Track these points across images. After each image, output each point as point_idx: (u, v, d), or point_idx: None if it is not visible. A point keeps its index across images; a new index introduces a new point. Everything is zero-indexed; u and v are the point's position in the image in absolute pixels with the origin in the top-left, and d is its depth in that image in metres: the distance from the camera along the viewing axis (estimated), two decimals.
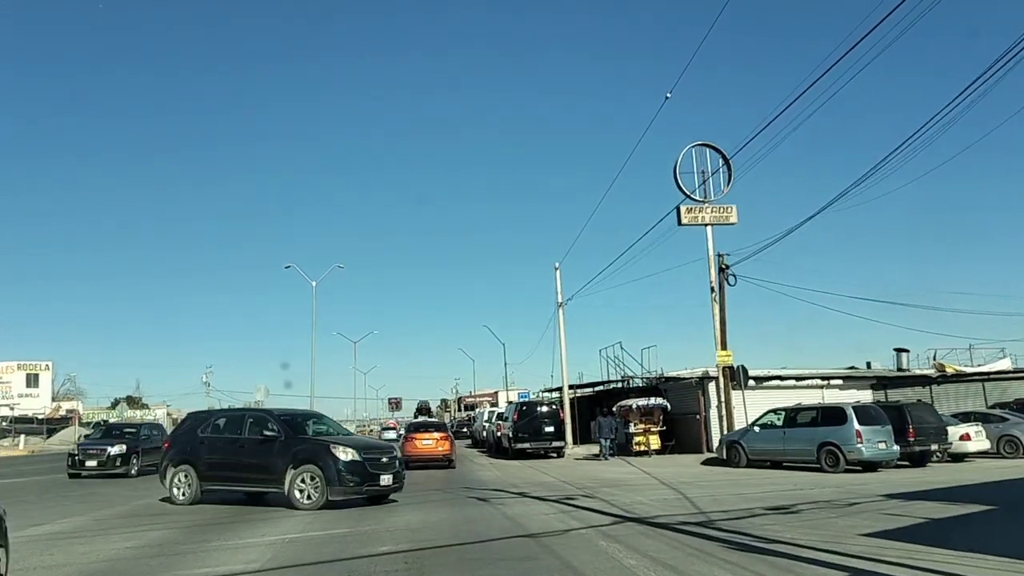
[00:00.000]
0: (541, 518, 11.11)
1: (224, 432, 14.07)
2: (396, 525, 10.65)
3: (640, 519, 10.75)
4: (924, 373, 30.42)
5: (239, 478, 13.50)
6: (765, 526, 9.87)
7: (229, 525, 11.09)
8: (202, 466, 13.64)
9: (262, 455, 13.18)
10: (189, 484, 13.67)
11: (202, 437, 14.03)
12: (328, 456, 12.66)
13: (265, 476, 13.05)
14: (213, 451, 13.73)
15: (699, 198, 26.11)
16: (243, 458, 13.38)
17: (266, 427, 13.57)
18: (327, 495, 12.50)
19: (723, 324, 25.17)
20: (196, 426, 14.42)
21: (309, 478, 12.64)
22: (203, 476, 13.60)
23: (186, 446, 14.05)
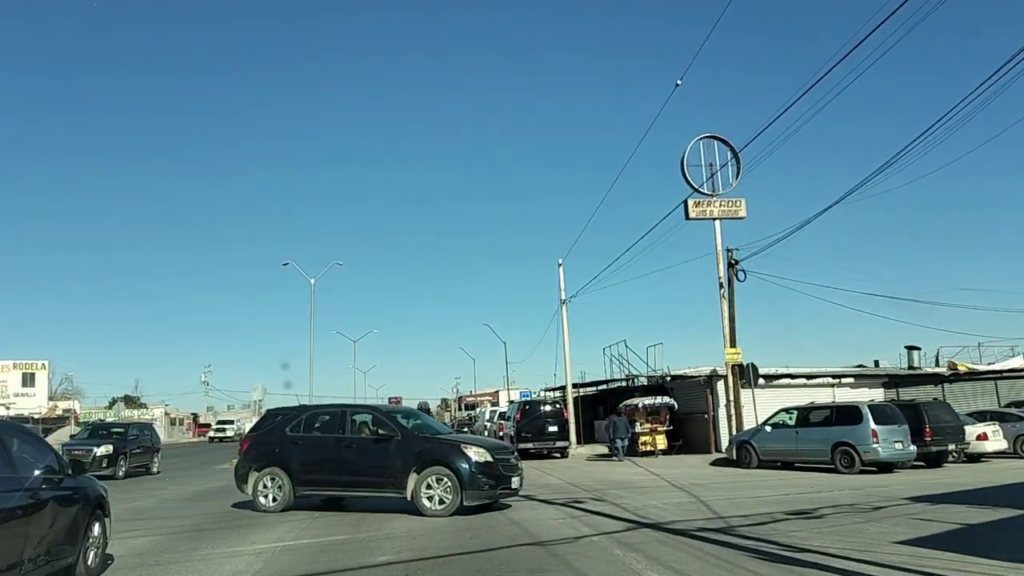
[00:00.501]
0: (550, 523, 10.48)
1: (322, 431, 12.69)
2: (396, 531, 10.02)
3: (655, 525, 10.11)
4: (936, 371, 29.77)
5: (346, 482, 12.09)
6: (790, 533, 9.24)
7: (218, 531, 10.46)
8: (296, 469, 12.22)
9: (376, 456, 11.89)
10: (279, 488, 12.25)
11: (294, 436, 12.56)
12: (461, 457, 11.52)
13: (380, 479, 11.79)
14: (310, 452, 12.33)
15: (707, 191, 25.46)
16: (351, 460, 12.01)
17: (378, 425, 12.33)
18: (461, 499, 11.33)
19: (732, 321, 24.54)
20: (283, 424, 12.84)
21: (437, 481, 11.43)
22: (298, 480, 12.18)
23: (273, 447, 12.53)
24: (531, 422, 27.94)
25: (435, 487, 11.45)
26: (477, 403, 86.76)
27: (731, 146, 25.82)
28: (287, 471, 12.25)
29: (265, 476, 12.38)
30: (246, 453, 12.94)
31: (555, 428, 27.93)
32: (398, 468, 11.64)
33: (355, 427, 12.52)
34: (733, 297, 24.68)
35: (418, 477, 11.51)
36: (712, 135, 26.02)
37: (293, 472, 12.22)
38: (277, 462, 12.37)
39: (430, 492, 11.45)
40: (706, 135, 25.97)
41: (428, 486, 11.46)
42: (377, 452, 11.93)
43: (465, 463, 11.46)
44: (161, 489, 17.42)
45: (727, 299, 24.73)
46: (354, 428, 12.50)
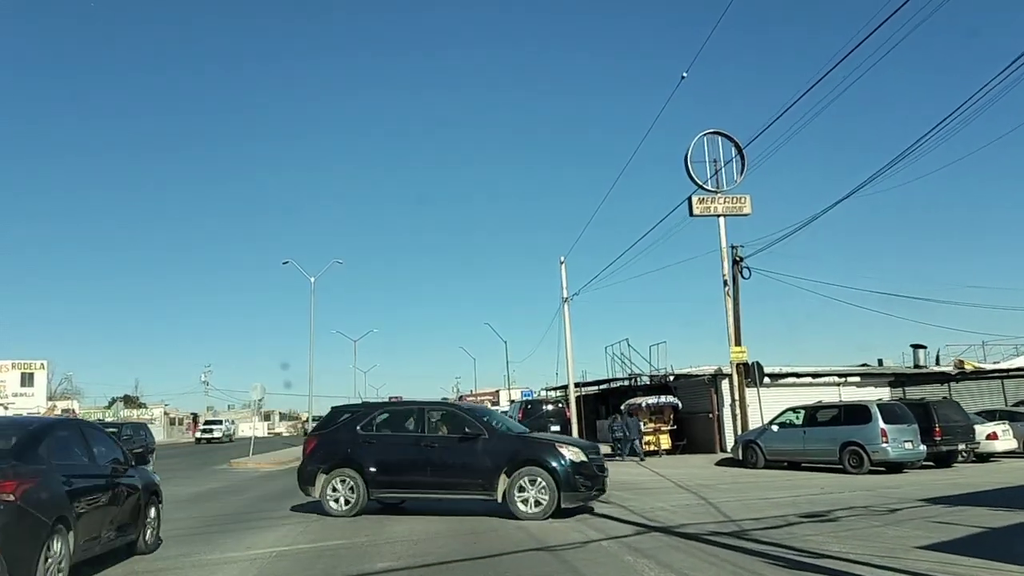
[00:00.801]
0: (556, 527, 10.11)
1: (398, 429, 12.05)
2: (396, 536, 9.65)
3: (665, 528, 9.76)
4: (943, 370, 29.41)
5: (428, 483, 11.42)
6: (807, 537, 8.88)
7: (213, 535, 10.10)
8: (371, 470, 11.47)
9: (462, 456, 11.27)
10: (352, 490, 11.50)
11: (366, 435, 11.79)
12: (556, 456, 11.00)
13: (467, 480, 11.22)
14: (386, 452, 11.59)
15: (711, 188, 25.09)
16: (434, 460, 11.36)
17: (462, 423, 11.72)
18: (558, 501, 10.78)
19: (737, 319, 24.18)
20: (352, 423, 12.03)
21: (531, 482, 10.86)
22: (373, 482, 11.47)
23: (344, 446, 11.76)
24: (533, 422, 27.49)
25: (529, 489, 10.88)
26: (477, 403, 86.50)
27: (736, 142, 25.45)
28: (360, 472, 11.52)
29: (335, 478, 11.60)
30: (312, 453, 12.09)
31: (557, 428, 27.57)
32: (487, 468, 11.08)
33: (433, 425, 11.89)
34: (738, 295, 24.32)
35: (510, 478, 10.95)
36: (716, 131, 25.65)
37: (367, 473, 11.49)
38: (349, 463, 11.62)
39: (524, 494, 10.87)
40: (710, 131, 25.61)
41: (521, 488, 10.89)
42: (463, 452, 11.31)
43: (561, 463, 10.94)
44: None
45: (731, 297, 24.37)
46: (432, 426, 11.87)
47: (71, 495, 6.82)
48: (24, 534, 5.97)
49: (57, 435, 7.34)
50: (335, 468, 11.67)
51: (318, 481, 11.72)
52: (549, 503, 10.78)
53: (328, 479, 11.65)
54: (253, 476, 23.05)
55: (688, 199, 24.97)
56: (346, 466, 11.63)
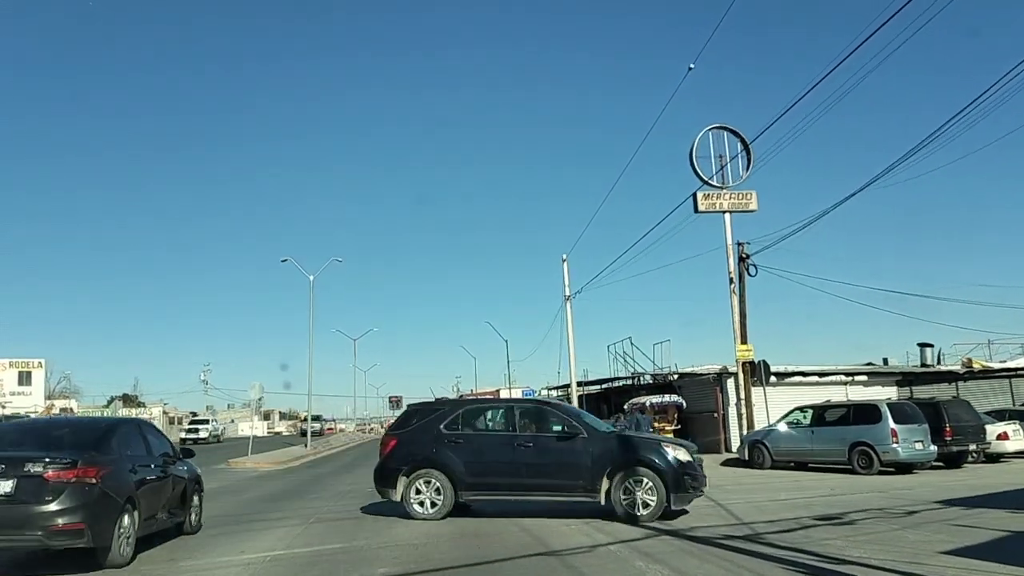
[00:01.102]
0: (561, 530, 9.75)
1: (485, 428, 11.54)
2: (395, 539, 9.29)
3: (676, 532, 9.39)
4: (951, 369, 29.04)
5: (523, 485, 10.82)
6: (824, 541, 8.51)
7: (205, 539, 9.72)
8: (459, 471, 10.86)
9: (560, 456, 10.73)
10: (438, 492, 10.87)
11: (451, 434, 11.16)
12: (662, 456, 10.57)
13: (566, 481, 10.66)
14: (476, 452, 11.00)
15: (717, 184, 24.70)
16: (530, 460, 10.79)
17: (555, 421, 11.18)
18: (668, 503, 10.34)
19: (743, 317, 23.81)
20: (435, 421, 11.36)
21: (637, 483, 10.37)
22: (462, 483, 10.86)
23: (428, 446, 11.11)
24: None
25: (635, 490, 10.39)
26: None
27: (742, 137, 25.05)
28: (447, 473, 10.91)
29: (419, 479, 10.96)
30: (392, 453, 11.37)
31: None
32: (588, 469, 10.57)
33: (524, 424, 11.34)
34: (744, 292, 23.96)
35: (613, 479, 10.47)
36: (722, 126, 25.27)
37: (455, 474, 10.89)
38: (433, 463, 10.99)
39: (630, 496, 10.40)
40: (716, 125, 25.22)
41: (627, 489, 10.41)
42: (562, 451, 10.77)
43: (668, 463, 10.51)
44: None
45: (737, 294, 24.00)
46: (523, 425, 11.31)
47: (136, 481, 8.23)
48: (103, 510, 7.39)
49: (122, 431, 8.77)
50: (418, 469, 11.02)
51: (400, 483, 11.02)
52: (657, 505, 10.34)
53: (411, 481, 10.98)
54: (251, 476, 22.70)
55: (693, 195, 24.59)
56: (430, 467, 10.99)
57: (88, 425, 9.53)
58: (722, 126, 25.30)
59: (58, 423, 10.62)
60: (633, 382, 33.65)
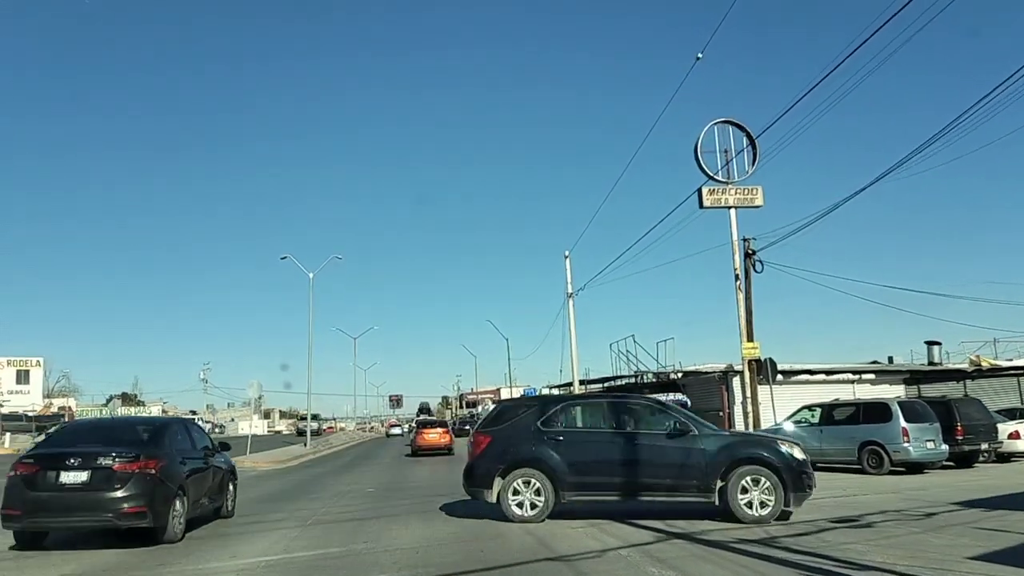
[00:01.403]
0: (568, 533, 9.37)
1: (587, 425, 10.91)
2: (397, 543, 8.90)
3: (687, 535, 9.00)
4: (959, 367, 28.64)
5: (632, 485, 10.26)
6: (844, 546, 8.13)
7: (196, 543, 9.34)
8: (561, 470, 10.24)
9: (671, 455, 10.17)
10: (538, 493, 10.24)
11: (550, 432, 10.51)
12: (779, 454, 10.13)
13: (679, 481, 10.15)
14: (579, 450, 10.38)
15: (722, 179, 24.26)
16: (639, 459, 10.23)
17: (663, 419, 10.60)
18: (788, 503, 9.92)
19: (749, 314, 23.35)
20: (532, 418, 10.70)
21: (754, 482, 9.89)
22: (565, 483, 10.25)
23: (524, 444, 10.46)
24: None
25: (752, 489, 9.91)
26: (478, 401, 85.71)
27: (747, 132, 24.57)
28: (547, 473, 10.29)
29: (517, 480, 10.31)
30: (485, 452, 10.68)
31: None
32: (701, 468, 10.06)
33: (630, 421, 10.73)
34: (750, 289, 23.49)
35: (728, 479, 10.00)
36: (727, 120, 24.78)
37: (556, 474, 10.27)
38: (531, 463, 10.35)
39: (747, 496, 9.91)
40: (721, 120, 24.74)
41: (744, 489, 9.93)
42: (673, 450, 10.21)
43: (786, 460, 10.08)
44: None
45: (743, 291, 23.55)
46: (629, 422, 10.70)
47: (185, 472, 9.65)
48: (160, 496, 8.79)
49: (172, 429, 10.26)
50: (515, 469, 10.38)
51: (495, 483, 10.39)
52: (776, 505, 9.90)
53: (508, 481, 10.35)
54: (249, 476, 22.27)
55: (698, 190, 24.12)
56: (529, 466, 10.34)
57: (145, 424, 10.79)
58: (727, 120, 24.83)
59: (120, 423, 12.74)
60: (636, 380, 33.28)
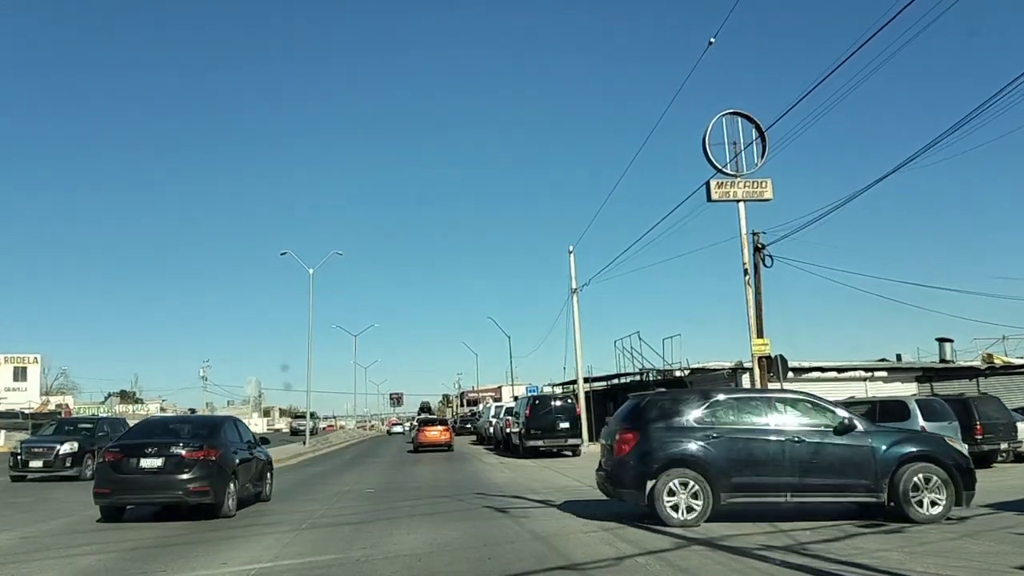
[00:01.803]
0: (580, 538, 8.80)
1: (741, 421, 10.10)
2: (397, 549, 8.32)
3: (708, 541, 8.42)
4: (971, 364, 28.07)
5: (797, 485, 9.65)
6: (878, 553, 7.56)
7: (184, 547, 8.77)
8: (720, 470, 9.62)
9: (838, 453, 9.64)
10: (695, 495, 9.56)
11: (704, 429, 9.88)
12: (949, 451, 9.71)
13: (847, 481, 9.63)
14: (737, 449, 9.72)
15: (731, 172, 23.65)
16: (802, 457, 9.65)
17: (826, 414, 10.04)
18: (959, 501, 9.48)
19: (759, 309, 22.78)
20: (682, 414, 10.08)
21: (925, 480, 9.45)
22: (724, 484, 9.60)
23: (678, 442, 9.78)
24: (541, 418, 26.22)
25: (924, 488, 9.46)
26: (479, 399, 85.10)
27: (757, 124, 23.94)
28: (703, 473, 9.63)
29: (672, 480, 9.61)
30: (635, 450, 9.91)
31: (567, 424, 26.21)
32: (870, 466, 9.57)
33: (789, 417, 10.11)
34: (759, 284, 22.91)
35: (900, 477, 9.51)
36: (736, 111, 24.13)
37: (715, 475, 9.61)
38: (688, 462, 9.69)
39: (918, 495, 9.45)
40: (729, 111, 24.10)
41: (915, 487, 9.47)
42: (839, 448, 9.68)
43: (956, 458, 9.64)
44: None
45: (752, 286, 22.95)
46: (788, 419, 10.08)
47: (236, 460, 11.69)
48: (220, 478, 10.93)
49: (225, 425, 12.37)
50: (668, 468, 9.66)
51: (647, 484, 9.65)
52: (947, 504, 9.46)
53: (661, 482, 9.61)
54: None
55: (706, 183, 23.52)
56: (684, 466, 9.67)
57: (204, 421, 13.72)
58: (736, 112, 24.19)
59: (183, 420, 14.93)
60: (641, 378, 32.69)
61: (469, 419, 59.63)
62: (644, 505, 9.75)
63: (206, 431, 11.73)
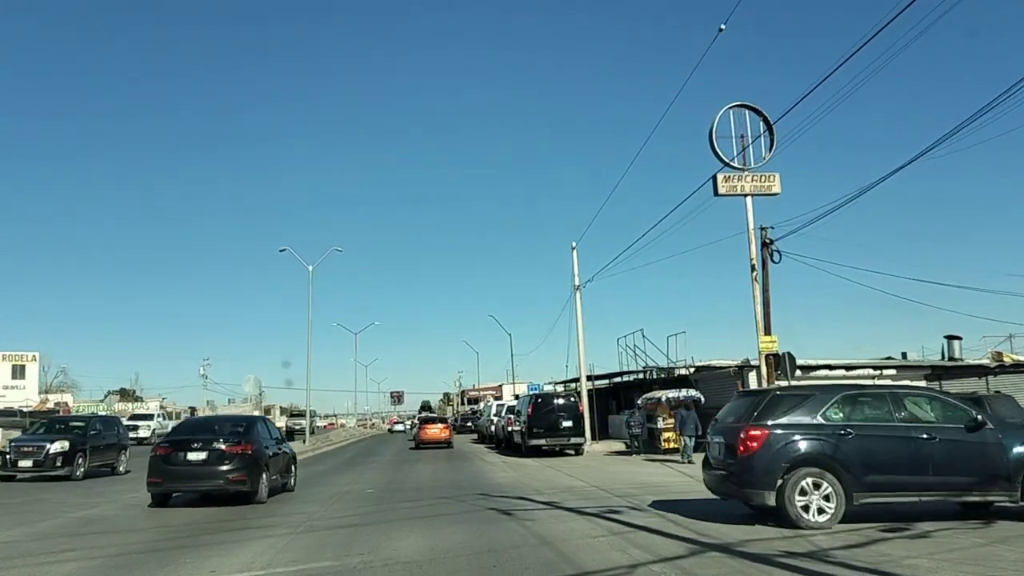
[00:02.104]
0: (589, 543, 8.35)
1: (870, 418, 9.66)
2: (396, 555, 7.87)
3: (725, 546, 7.98)
4: (980, 362, 27.61)
5: (930, 485, 9.31)
6: (907, 561, 7.12)
7: (173, 552, 8.32)
8: (853, 469, 9.23)
9: (972, 450, 9.33)
10: (827, 497, 9.16)
11: (834, 426, 9.46)
12: None
13: (980, 479, 9.29)
14: (870, 447, 9.32)
15: (738, 165, 23.18)
16: (936, 456, 9.27)
17: (955, 410, 9.75)
18: None
19: (766, 306, 22.31)
20: (810, 410, 9.60)
21: None
22: (858, 484, 9.21)
23: (809, 440, 9.39)
24: (543, 416, 25.76)
25: None
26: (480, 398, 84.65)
27: (764, 116, 23.47)
28: (835, 472, 9.24)
29: (803, 480, 9.18)
30: (764, 448, 9.41)
31: (570, 423, 25.75)
32: (1004, 462, 9.25)
33: (919, 413, 9.82)
34: (767, 280, 22.44)
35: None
36: (743, 104, 23.66)
37: (848, 474, 9.23)
38: (820, 461, 9.29)
39: None
40: (736, 104, 23.63)
41: None
42: (972, 445, 9.35)
43: None
44: (128, 492, 15.26)
45: (760, 282, 22.49)
46: (918, 414, 9.78)
47: (268, 454, 13.14)
48: (255, 469, 12.44)
49: (258, 423, 14.18)
50: (799, 467, 9.26)
51: (777, 484, 9.21)
52: None
53: (792, 482, 9.19)
54: None
55: (713, 177, 23.04)
56: (816, 465, 9.28)
57: (240, 420, 14.84)
58: (743, 104, 23.72)
59: (223, 419, 15.92)
60: (645, 376, 32.26)
61: (470, 417, 59.16)
62: (771, 506, 9.31)
63: (242, 429, 13.32)
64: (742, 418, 10.04)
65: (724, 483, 10.03)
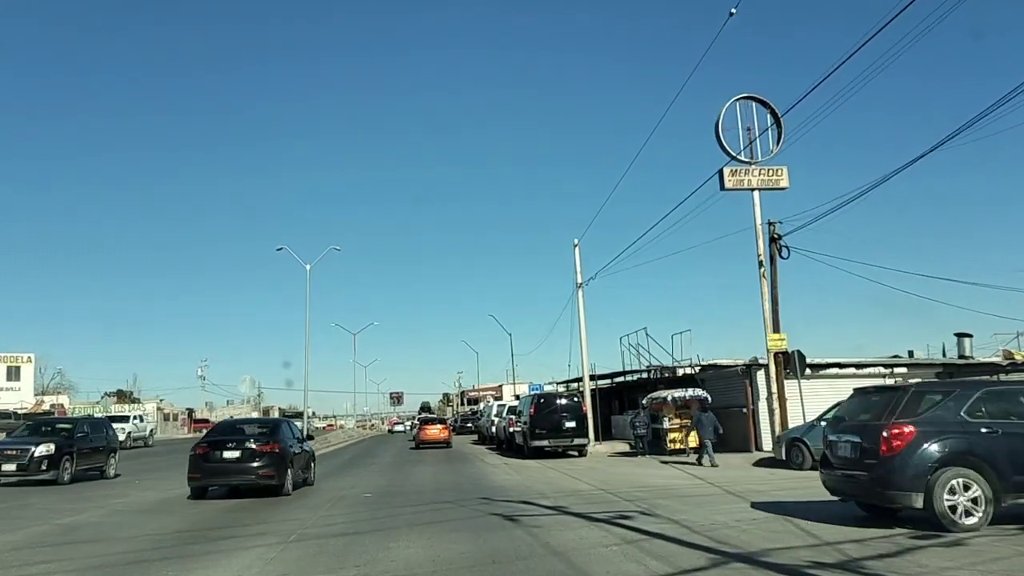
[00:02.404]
0: (602, 553, 7.79)
1: (1010, 415, 9.17)
2: (395, 566, 7.31)
3: (746, 556, 7.41)
4: (992, 360, 27.08)
5: None
6: (946, 572, 6.58)
7: (158, 563, 7.75)
8: (1002, 469, 8.69)
9: None
10: (974, 500, 8.64)
11: (979, 423, 8.95)
12: None
13: None
14: (1016, 446, 8.81)
15: (745, 159, 22.65)
16: None
17: None
18: None
19: (775, 303, 21.77)
20: (954, 406, 9.11)
21: None
22: (1008, 484, 8.71)
23: (955, 438, 8.84)
24: (546, 417, 25.17)
25: None
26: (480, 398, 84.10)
27: (772, 108, 22.99)
28: (983, 472, 8.72)
29: (952, 480, 8.65)
30: (911, 447, 8.84)
31: (572, 424, 25.16)
32: None
33: None
34: (775, 276, 21.90)
35: None
36: (750, 95, 23.19)
37: (997, 474, 8.70)
38: (965, 460, 8.77)
39: None
40: (743, 95, 23.15)
41: None
42: None
43: None
44: (116, 496, 14.70)
45: (768, 279, 21.97)
46: None
47: (291, 452, 14.63)
48: (281, 466, 14.00)
49: (282, 425, 15.69)
50: (946, 467, 8.72)
51: (924, 485, 8.67)
52: None
53: (940, 483, 8.64)
54: None
55: (719, 171, 22.54)
56: (963, 464, 8.75)
57: (267, 422, 16.78)
58: (750, 96, 23.24)
59: (252, 422, 17.69)
60: (649, 375, 31.69)
61: (470, 418, 58.58)
62: (918, 508, 8.76)
63: (269, 429, 14.95)
64: (881, 415, 9.36)
65: (854, 484, 9.40)
